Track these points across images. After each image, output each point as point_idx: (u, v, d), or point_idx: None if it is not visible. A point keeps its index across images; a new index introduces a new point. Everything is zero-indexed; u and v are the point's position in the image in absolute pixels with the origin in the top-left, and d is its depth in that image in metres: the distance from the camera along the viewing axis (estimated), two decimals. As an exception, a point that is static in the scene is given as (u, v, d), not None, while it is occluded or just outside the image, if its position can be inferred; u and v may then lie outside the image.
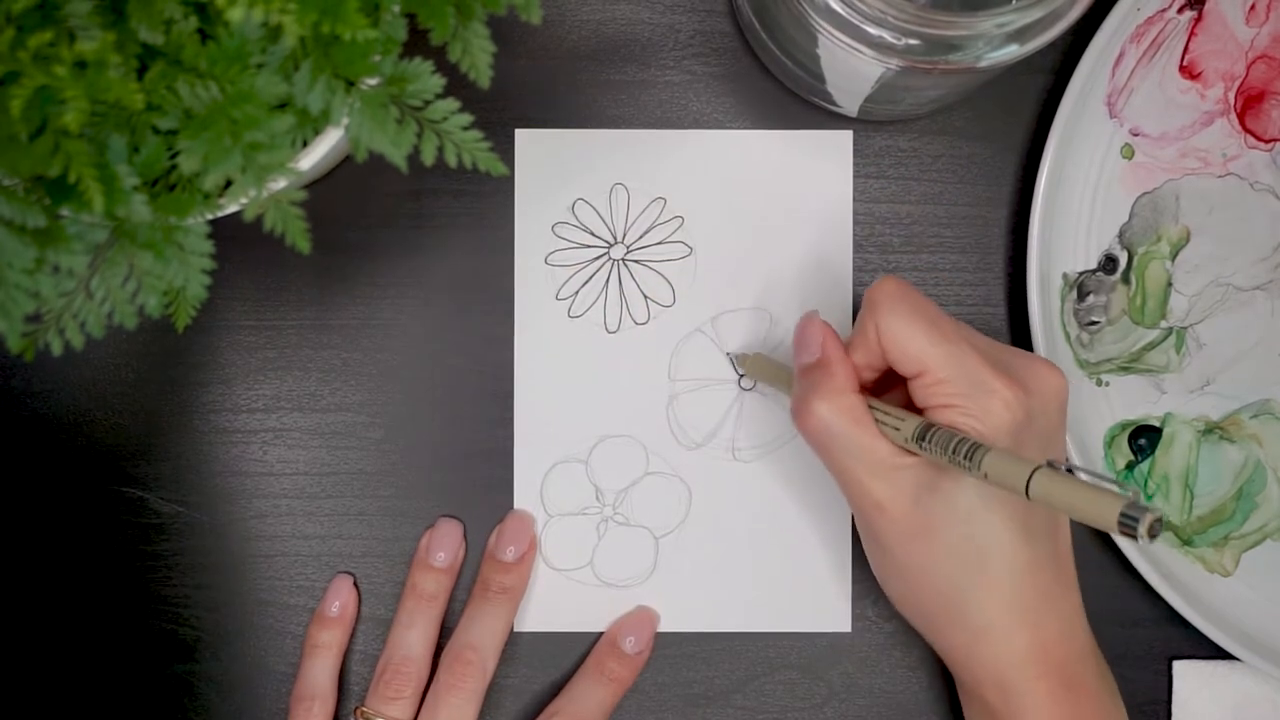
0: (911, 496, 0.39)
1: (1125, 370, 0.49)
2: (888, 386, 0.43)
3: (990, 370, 0.38)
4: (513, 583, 0.48)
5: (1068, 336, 0.48)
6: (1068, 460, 0.34)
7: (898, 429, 0.39)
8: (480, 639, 0.47)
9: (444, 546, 0.48)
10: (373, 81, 0.33)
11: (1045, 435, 0.39)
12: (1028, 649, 0.39)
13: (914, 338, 0.39)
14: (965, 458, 0.36)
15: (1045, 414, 0.39)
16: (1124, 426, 0.48)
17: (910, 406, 0.40)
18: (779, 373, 0.46)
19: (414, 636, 0.47)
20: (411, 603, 0.48)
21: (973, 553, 0.39)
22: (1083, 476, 0.33)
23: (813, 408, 0.40)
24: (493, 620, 0.47)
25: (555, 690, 0.49)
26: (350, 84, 0.33)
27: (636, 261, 0.49)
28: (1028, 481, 0.34)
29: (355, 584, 0.49)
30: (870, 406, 0.40)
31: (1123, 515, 0.31)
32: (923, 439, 0.38)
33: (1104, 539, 0.48)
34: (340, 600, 0.49)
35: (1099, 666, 0.42)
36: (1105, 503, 0.32)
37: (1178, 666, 0.49)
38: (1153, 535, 0.31)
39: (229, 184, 0.33)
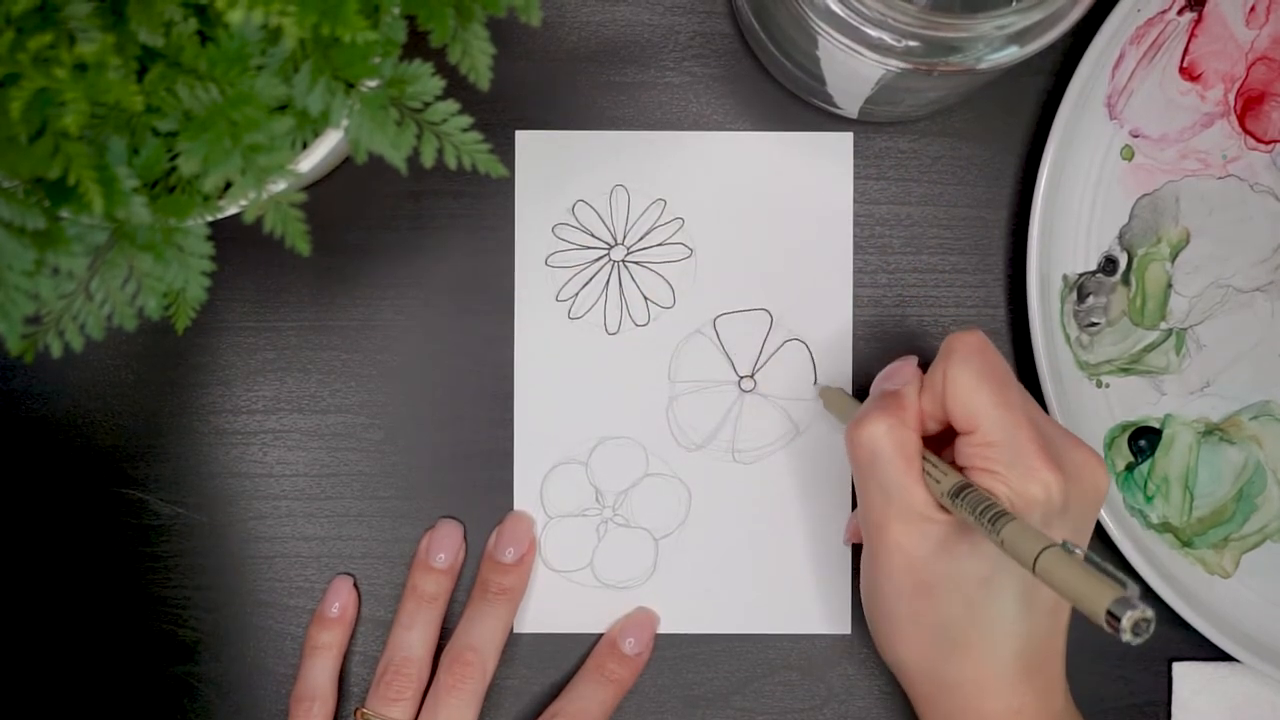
0: (928, 550, 0.39)
1: (1125, 372, 0.49)
2: (940, 447, 0.43)
3: (1039, 450, 0.38)
4: (512, 584, 0.48)
5: (1067, 338, 0.48)
6: (1084, 550, 0.34)
7: (939, 481, 0.39)
8: (480, 640, 0.47)
9: (444, 548, 0.48)
10: (372, 83, 0.33)
11: (1074, 527, 0.40)
12: (1001, 714, 0.40)
13: (978, 393, 0.39)
14: (990, 521, 0.36)
15: (1081, 507, 0.40)
16: (1124, 428, 0.48)
17: (954, 465, 0.41)
18: (854, 408, 0.46)
19: (414, 637, 0.47)
20: (412, 604, 0.48)
21: (968, 620, 0.39)
22: (1096, 563, 0.34)
23: (872, 426, 0.40)
24: (492, 621, 0.47)
25: (555, 691, 0.49)
26: (350, 86, 0.33)
27: (637, 263, 0.49)
28: (1037, 556, 0.34)
29: (355, 585, 0.49)
30: (923, 454, 0.40)
31: (1111, 607, 0.31)
32: (957, 495, 0.38)
33: (1103, 540, 0.48)
34: (340, 601, 0.49)
35: None
36: (1098, 591, 0.32)
37: (1178, 668, 0.49)
38: (1137, 634, 0.31)
39: (229, 186, 0.33)
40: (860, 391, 0.49)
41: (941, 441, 0.42)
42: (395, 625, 0.48)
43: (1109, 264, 0.48)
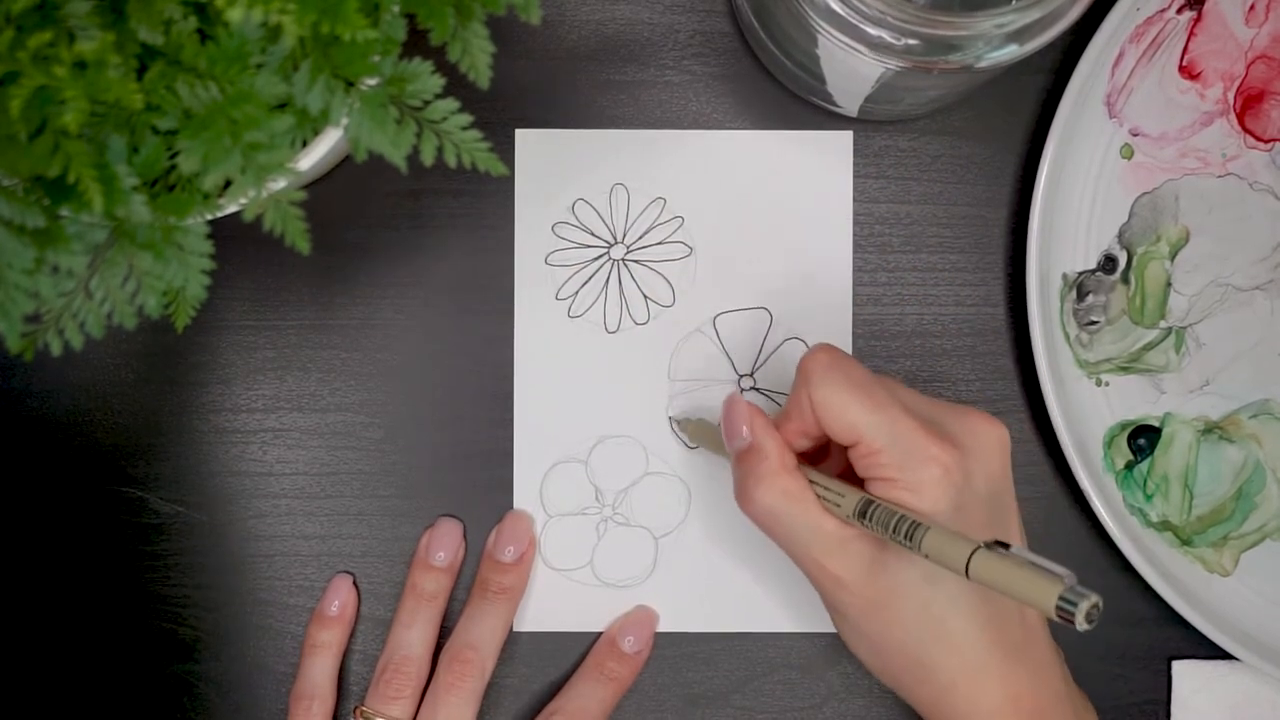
0: (866, 568, 0.39)
1: (1124, 370, 0.49)
2: (827, 453, 0.43)
3: (926, 436, 0.38)
4: (512, 582, 0.48)
5: (1067, 336, 0.48)
6: (1009, 545, 0.34)
7: (839, 504, 0.39)
8: (479, 638, 0.47)
9: (444, 546, 0.48)
10: (372, 81, 0.33)
11: (989, 493, 0.39)
12: (999, 703, 0.39)
13: (847, 408, 0.39)
14: (906, 537, 0.36)
15: (986, 470, 0.39)
16: (1123, 426, 0.48)
17: (850, 472, 0.40)
18: (718, 439, 0.46)
19: (414, 636, 0.47)
20: (411, 602, 0.48)
21: (931, 619, 0.38)
22: (1026, 557, 0.33)
23: (752, 495, 0.40)
24: (492, 620, 0.47)
25: (555, 690, 0.49)
26: (350, 84, 0.33)
27: (636, 261, 0.49)
28: (967, 562, 0.34)
29: (355, 583, 0.49)
30: (812, 480, 0.40)
31: (1061, 600, 0.31)
32: (864, 515, 0.38)
33: (1102, 537, 0.48)
34: (340, 599, 0.49)
35: (1079, 711, 0.41)
36: (1043, 586, 0.32)
37: (1177, 666, 0.49)
38: (1090, 621, 0.31)
39: (228, 184, 0.33)
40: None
41: (822, 450, 0.42)
42: (395, 623, 0.48)
43: (1108, 262, 0.48)
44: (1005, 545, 0.34)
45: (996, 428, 0.40)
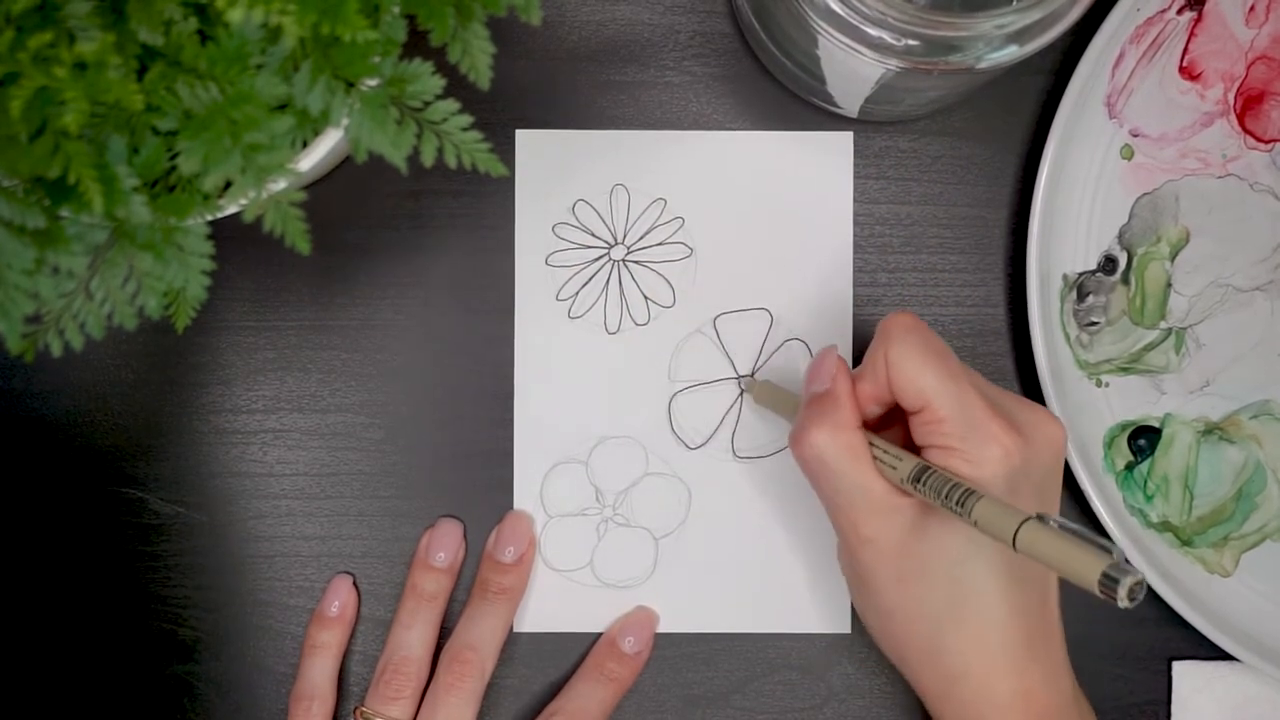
0: (901, 536, 0.39)
1: (1125, 371, 0.49)
2: (889, 424, 0.43)
3: (991, 415, 0.38)
4: (511, 583, 0.48)
5: (1067, 337, 0.48)
6: (1059, 518, 0.34)
7: (895, 468, 0.39)
8: (479, 639, 0.47)
9: (444, 546, 0.48)
10: (372, 82, 0.33)
11: (1041, 485, 0.39)
12: (1011, 697, 0.39)
13: (922, 372, 0.39)
14: (958, 503, 0.36)
15: (1042, 464, 0.39)
16: (1123, 427, 0.48)
17: (909, 445, 0.40)
18: (786, 400, 0.46)
19: (413, 637, 0.47)
20: (411, 603, 0.48)
21: (956, 597, 0.39)
22: (1075, 529, 0.33)
23: (812, 438, 0.40)
24: (492, 620, 0.47)
25: (555, 690, 0.49)
26: (350, 85, 0.33)
27: (637, 262, 0.49)
28: (1015, 532, 0.34)
29: (355, 584, 0.49)
30: (870, 443, 0.40)
31: (1104, 576, 0.31)
32: (918, 480, 0.38)
33: (1102, 537, 0.48)
34: (340, 600, 0.49)
35: (1084, 716, 0.41)
36: (1088, 561, 0.32)
37: (1177, 667, 0.49)
38: (1132, 599, 0.31)
39: (229, 185, 0.33)
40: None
41: (885, 422, 0.42)
42: (394, 624, 0.48)
43: (1109, 263, 0.48)
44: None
45: (1057, 425, 0.40)
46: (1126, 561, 0.31)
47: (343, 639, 0.48)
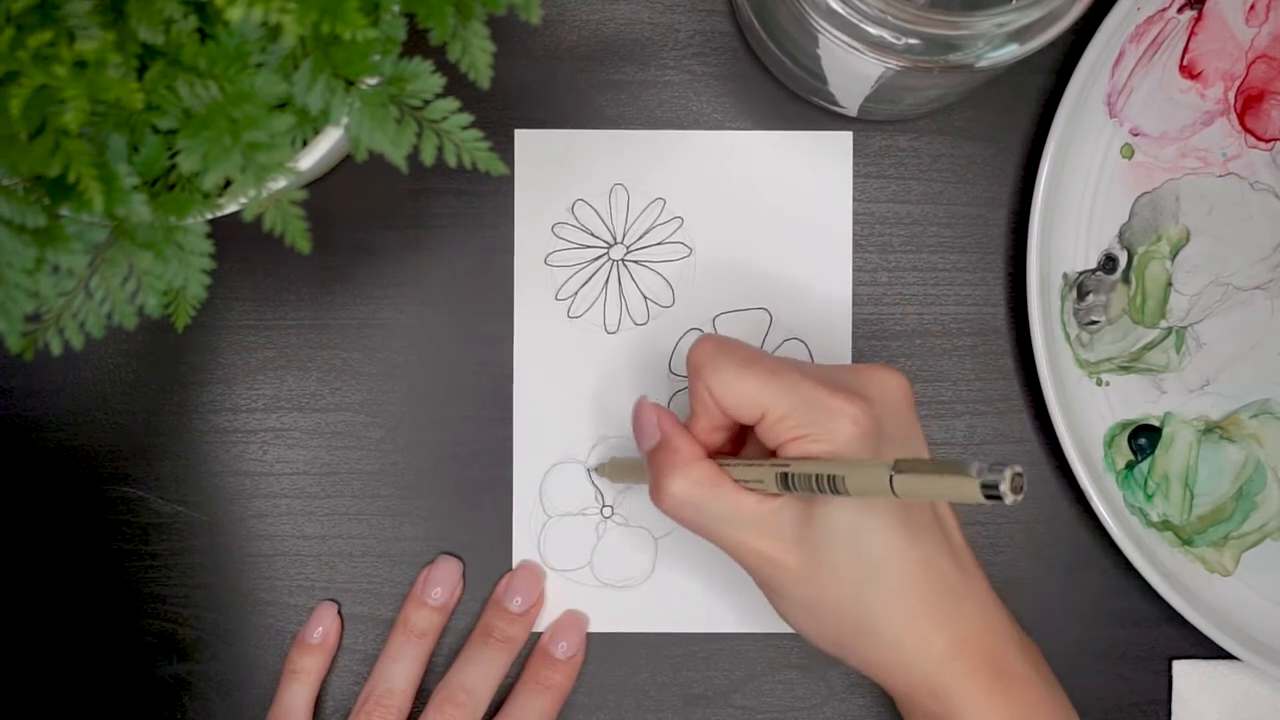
0: (793, 537, 0.39)
1: (1125, 370, 0.49)
2: (744, 442, 0.42)
3: (829, 392, 0.38)
4: (515, 633, 0.48)
5: (1068, 336, 0.48)
6: (918, 458, 0.34)
7: (761, 481, 0.39)
8: (475, 683, 0.47)
9: (441, 583, 0.48)
10: (372, 81, 0.33)
11: (901, 436, 0.39)
12: (947, 647, 0.39)
13: (744, 385, 0.39)
14: (830, 487, 0.36)
15: (894, 417, 0.39)
16: (1124, 426, 0.48)
17: (768, 455, 0.40)
18: (636, 467, 0.46)
19: (398, 671, 0.47)
20: (401, 637, 0.48)
21: (865, 568, 0.38)
22: (936, 458, 0.33)
23: (666, 488, 0.40)
24: (489, 666, 0.47)
25: (555, 690, 0.49)
26: (350, 83, 0.33)
27: (636, 262, 0.49)
28: (890, 486, 0.34)
29: (339, 612, 0.49)
30: (727, 466, 0.40)
31: (983, 486, 0.31)
32: (787, 484, 0.38)
33: (1102, 536, 0.48)
34: (323, 626, 0.48)
35: (1026, 651, 0.40)
36: (961, 481, 0.31)
37: (1178, 666, 0.49)
38: (1017, 491, 0.31)
39: (229, 183, 0.33)
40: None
41: (740, 440, 0.42)
42: (382, 656, 0.48)
43: (1109, 262, 0.48)
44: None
45: (896, 375, 0.40)
46: (996, 464, 0.31)
47: (323, 666, 0.48)
